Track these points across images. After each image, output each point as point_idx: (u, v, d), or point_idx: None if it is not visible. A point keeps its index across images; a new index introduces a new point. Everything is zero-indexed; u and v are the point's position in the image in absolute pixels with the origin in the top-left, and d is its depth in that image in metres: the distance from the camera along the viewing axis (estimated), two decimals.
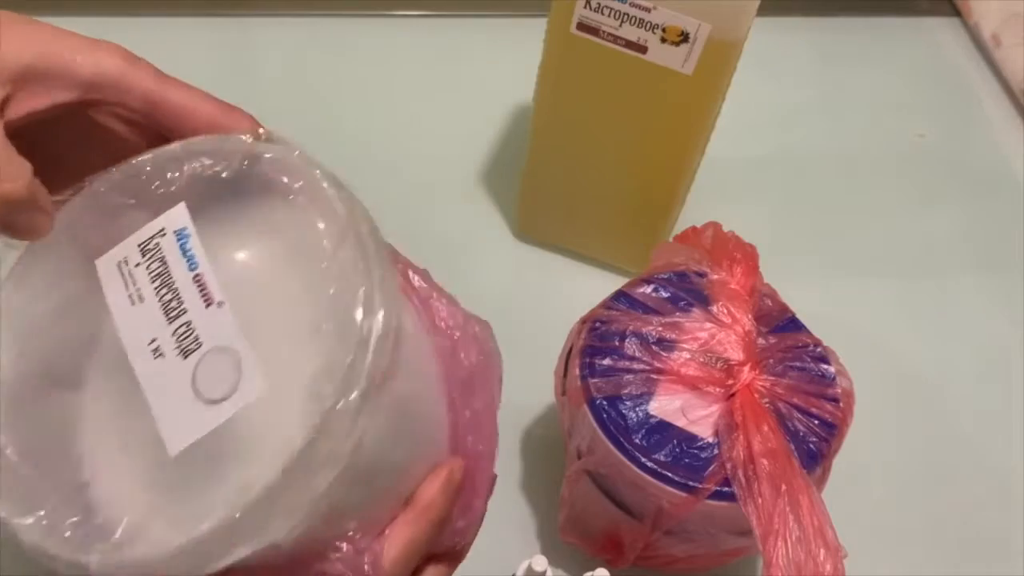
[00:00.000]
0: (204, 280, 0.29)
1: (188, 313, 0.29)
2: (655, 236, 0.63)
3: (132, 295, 0.30)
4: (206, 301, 0.29)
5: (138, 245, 0.30)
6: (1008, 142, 0.80)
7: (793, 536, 0.41)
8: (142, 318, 0.29)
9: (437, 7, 0.83)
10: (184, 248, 0.30)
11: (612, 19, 0.51)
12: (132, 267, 0.30)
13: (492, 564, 0.49)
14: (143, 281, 0.30)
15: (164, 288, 0.29)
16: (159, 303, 0.29)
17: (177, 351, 0.29)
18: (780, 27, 0.74)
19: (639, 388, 0.46)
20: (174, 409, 0.28)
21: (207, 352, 0.28)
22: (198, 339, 0.29)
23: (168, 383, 0.28)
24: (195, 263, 0.30)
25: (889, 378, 0.63)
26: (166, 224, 0.30)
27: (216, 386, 0.28)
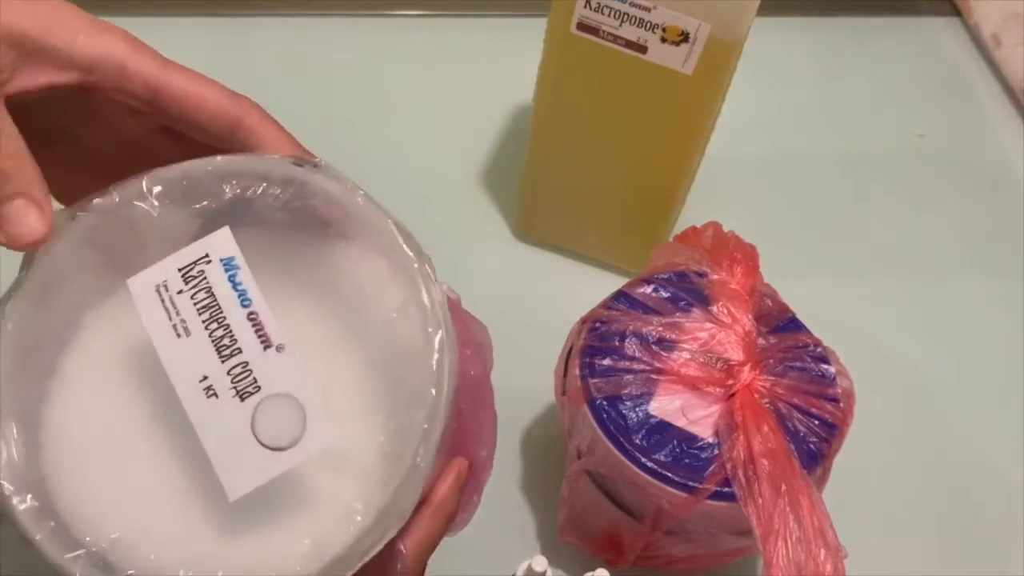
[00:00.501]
0: (260, 320, 0.28)
1: (243, 353, 0.28)
2: (655, 236, 0.63)
3: (176, 326, 0.28)
4: (264, 343, 0.28)
5: (179, 270, 0.29)
6: (1008, 142, 0.80)
7: (793, 536, 0.41)
8: (190, 353, 0.28)
9: (437, 7, 0.83)
10: (234, 281, 0.28)
11: (612, 19, 0.51)
12: (174, 294, 0.28)
13: (492, 564, 0.49)
14: (188, 312, 0.28)
15: (214, 323, 0.28)
16: (209, 339, 0.28)
17: (233, 392, 0.27)
18: (780, 27, 0.74)
19: (639, 388, 0.46)
20: (232, 453, 0.27)
21: (267, 397, 0.27)
22: (256, 382, 0.27)
23: (224, 426, 0.27)
24: (248, 300, 0.28)
25: (889, 378, 0.63)
26: (210, 250, 0.29)
27: (279, 433, 0.27)
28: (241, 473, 0.27)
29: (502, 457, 0.56)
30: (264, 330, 0.28)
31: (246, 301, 0.28)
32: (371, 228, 0.30)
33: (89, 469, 0.29)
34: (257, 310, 0.28)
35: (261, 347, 0.28)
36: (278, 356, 0.28)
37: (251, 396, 0.27)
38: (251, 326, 0.28)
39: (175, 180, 0.31)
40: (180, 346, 0.28)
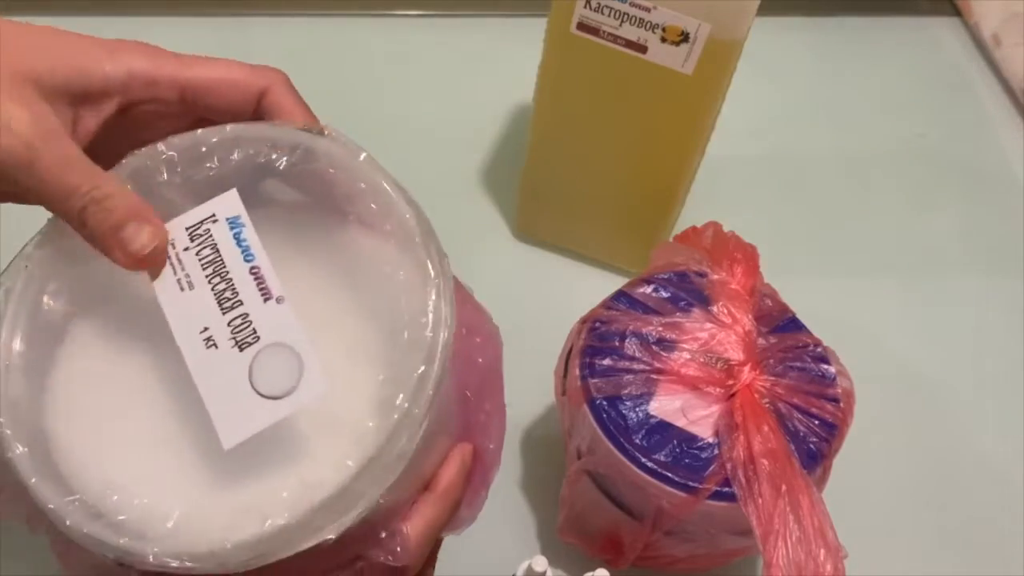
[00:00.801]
0: (262, 274, 0.29)
1: (244, 305, 0.28)
2: (655, 236, 0.63)
3: (181, 280, 0.29)
4: (264, 295, 0.28)
5: (186, 228, 0.30)
6: (1008, 142, 0.80)
7: (793, 536, 0.41)
8: (192, 305, 0.28)
9: (437, 7, 0.83)
10: (238, 237, 0.29)
11: (612, 19, 0.51)
12: (180, 251, 0.29)
13: (492, 564, 0.49)
14: (193, 267, 0.29)
15: (217, 277, 0.29)
16: (212, 292, 0.28)
17: (232, 343, 0.28)
18: (780, 27, 0.74)
19: (639, 388, 0.46)
20: (229, 402, 0.28)
21: (265, 347, 0.28)
22: (255, 332, 0.28)
23: (222, 375, 0.28)
24: (251, 255, 0.29)
25: (889, 378, 0.63)
26: (217, 210, 0.30)
27: (275, 382, 0.28)
28: (237, 421, 0.27)
29: (502, 457, 0.57)
30: (265, 283, 0.29)
31: (249, 256, 0.29)
32: (372, 189, 0.31)
33: (87, 418, 0.30)
34: (259, 264, 0.29)
35: (261, 299, 0.28)
36: (277, 307, 0.28)
37: (250, 346, 0.28)
38: (252, 279, 0.29)
39: (188, 147, 0.31)
40: (183, 299, 0.28)
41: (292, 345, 0.28)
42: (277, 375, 0.28)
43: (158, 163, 0.31)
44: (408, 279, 0.30)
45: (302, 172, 0.32)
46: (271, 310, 0.28)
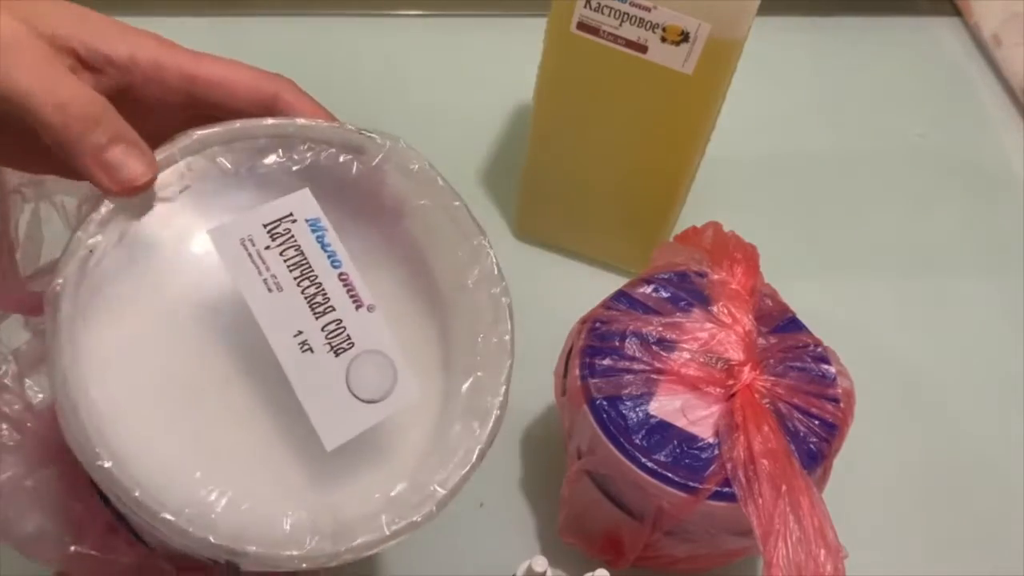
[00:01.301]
0: (351, 281, 0.29)
1: (337, 312, 0.28)
2: (655, 236, 0.62)
3: (267, 280, 0.28)
4: (355, 303, 0.29)
5: (263, 226, 0.29)
6: (1008, 142, 0.80)
7: (793, 536, 0.41)
8: (283, 307, 0.28)
9: (437, 7, 0.83)
10: (322, 241, 0.29)
11: (612, 19, 0.51)
12: (261, 249, 0.29)
13: (492, 564, 0.49)
14: (278, 268, 0.28)
15: (306, 281, 0.29)
16: (302, 295, 0.28)
17: (328, 348, 0.28)
18: (780, 27, 0.74)
19: (639, 388, 0.46)
20: (327, 405, 0.28)
21: (360, 353, 0.28)
22: (350, 339, 0.28)
23: (319, 379, 0.28)
24: (337, 261, 0.29)
25: (889, 378, 0.63)
26: (294, 210, 0.29)
27: (372, 387, 0.28)
28: (337, 424, 0.28)
29: (502, 457, 0.57)
30: (355, 291, 0.29)
31: (336, 262, 0.29)
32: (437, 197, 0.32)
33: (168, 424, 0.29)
34: (347, 271, 0.29)
35: (353, 306, 0.29)
36: (369, 315, 0.29)
37: (345, 352, 0.28)
38: (343, 286, 0.29)
39: (246, 135, 0.31)
40: (273, 300, 0.28)
41: (386, 352, 0.29)
42: (374, 380, 0.28)
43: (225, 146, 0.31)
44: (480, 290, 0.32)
45: (366, 173, 0.32)
46: (364, 318, 0.29)
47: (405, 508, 0.29)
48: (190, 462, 0.29)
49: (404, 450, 0.31)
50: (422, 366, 0.31)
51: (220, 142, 0.31)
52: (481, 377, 0.31)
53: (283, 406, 0.29)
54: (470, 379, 0.31)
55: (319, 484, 0.30)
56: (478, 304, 0.32)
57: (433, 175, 0.32)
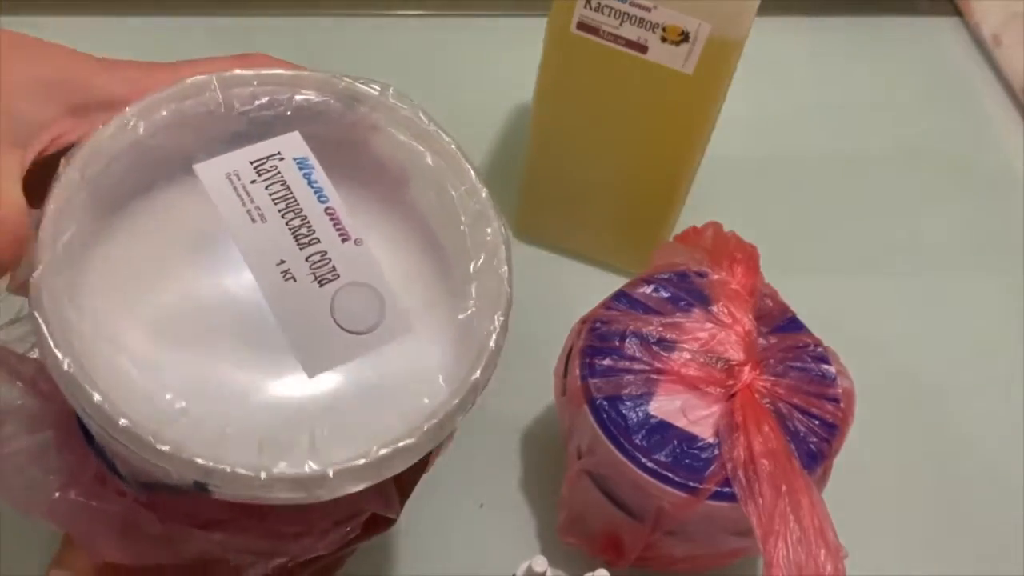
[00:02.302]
0: (337, 215, 0.28)
1: (322, 244, 0.28)
2: (655, 236, 0.62)
3: (251, 211, 0.28)
4: (341, 236, 0.28)
5: (251, 162, 0.29)
6: (1008, 142, 0.80)
7: (794, 537, 0.41)
8: (265, 237, 0.28)
9: (437, 7, 0.83)
10: (309, 178, 0.29)
11: (612, 18, 0.51)
12: (247, 183, 0.28)
13: (492, 564, 0.49)
14: (263, 200, 0.28)
15: (291, 213, 0.28)
16: (287, 227, 0.28)
17: (312, 278, 0.27)
18: (780, 27, 0.74)
19: (639, 388, 0.46)
20: (310, 334, 0.27)
21: (346, 284, 0.28)
22: (335, 270, 0.28)
23: (302, 307, 0.27)
24: (324, 196, 0.29)
25: (889, 378, 0.63)
26: (282, 149, 0.29)
27: (358, 318, 0.27)
28: (319, 352, 0.27)
29: (502, 457, 0.57)
30: (341, 224, 0.28)
31: (323, 197, 0.29)
32: (428, 142, 0.32)
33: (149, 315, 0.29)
34: (334, 206, 0.28)
35: (339, 239, 0.28)
36: (356, 248, 0.28)
37: (330, 283, 0.27)
38: (329, 220, 0.28)
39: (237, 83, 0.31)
40: (255, 230, 0.28)
41: (374, 285, 0.28)
42: (360, 312, 0.27)
43: (211, 92, 0.31)
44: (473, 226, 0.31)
45: (354, 119, 0.32)
46: (350, 251, 0.28)
47: (391, 436, 0.27)
48: (163, 382, 0.27)
49: (392, 383, 0.29)
50: (414, 301, 0.30)
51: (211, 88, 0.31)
52: (476, 312, 0.30)
53: (268, 339, 0.28)
54: (467, 312, 0.30)
55: (301, 411, 0.28)
56: (475, 242, 0.31)
57: (425, 122, 0.33)
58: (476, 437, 0.43)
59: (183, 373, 0.28)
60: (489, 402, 0.44)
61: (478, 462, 0.55)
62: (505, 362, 0.49)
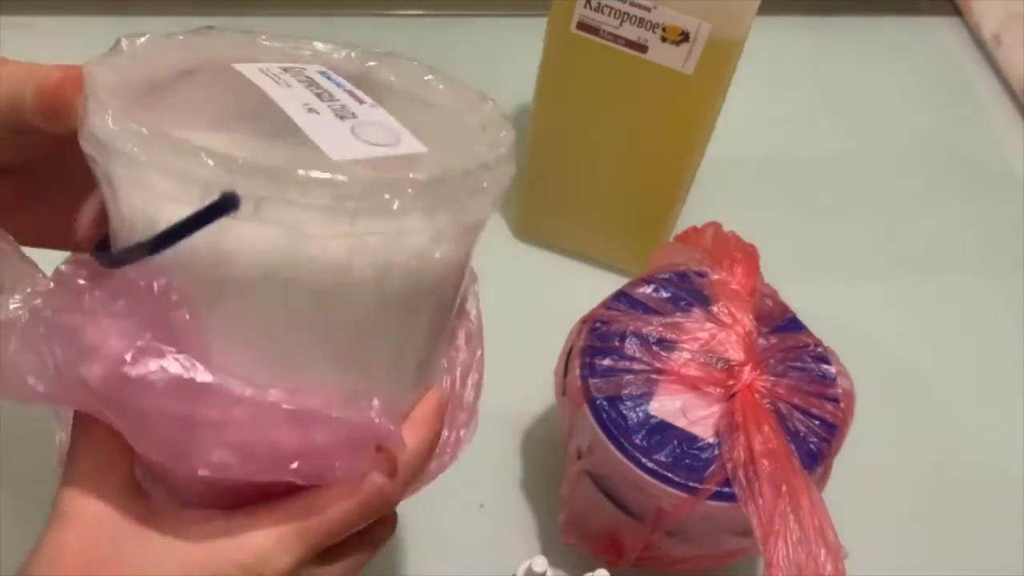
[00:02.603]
0: (355, 92, 0.32)
1: (341, 101, 0.31)
2: (655, 236, 0.62)
3: (279, 82, 0.31)
4: (359, 101, 0.32)
5: (279, 66, 0.33)
6: (1008, 142, 0.80)
7: (794, 537, 0.41)
8: (293, 93, 0.31)
9: (437, 7, 0.83)
10: (329, 77, 0.33)
11: (612, 18, 0.51)
12: (276, 72, 0.32)
13: (492, 564, 0.49)
14: (290, 80, 0.32)
15: (313, 87, 0.32)
16: (309, 91, 0.31)
17: (333, 115, 0.30)
18: (780, 27, 0.74)
19: (639, 388, 0.46)
20: (334, 138, 0.29)
21: (364, 122, 0.31)
22: (354, 114, 0.31)
23: (327, 126, 0.30)
24: (343, 84, 0.33)
25: (889, 378, 0.63)
26: (306, 67, 0.33)
27: (377, 137, 0.30)
28: (342, 148, 0.29)
29: (502, 457, 0.57)
30: (358, 95, 0.32)
31: (342, 85, 0.33)
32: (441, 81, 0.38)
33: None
34: (352, 88, 0.33)
35: (357, 101, 0.32)
36: (372, 106, 0.32)
37: (349, 119, 0.31)
38: (347, 94, 0.32)
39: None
40: (284, 90, 0.31)
41: (389, 125, 0.31)
42: (378, 134, 0.30)
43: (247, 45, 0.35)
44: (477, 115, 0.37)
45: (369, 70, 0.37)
46: (367, 107, 0.32)
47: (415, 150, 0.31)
48: None
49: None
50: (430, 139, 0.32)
51: None
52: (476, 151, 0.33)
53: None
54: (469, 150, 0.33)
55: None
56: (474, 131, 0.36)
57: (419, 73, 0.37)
58: (476, 437, 0.43)
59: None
60: (489, 402, 0.44)
61: (478, 462, 0.55)
62: (506, 362, 0.49)
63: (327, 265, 0.29)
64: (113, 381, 0.28)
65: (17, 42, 0.75)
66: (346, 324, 0.30)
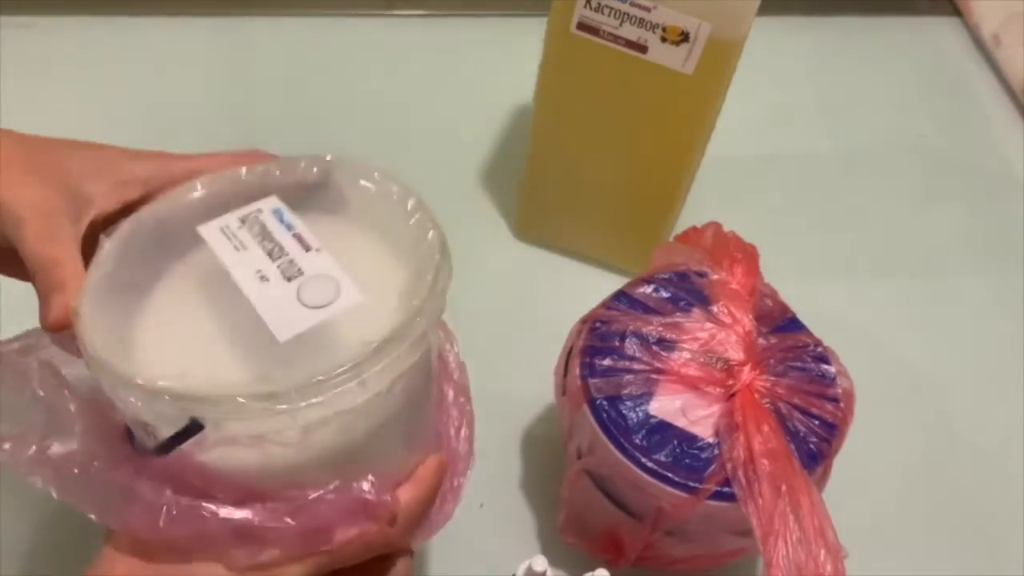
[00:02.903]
0: (302, 236, 0.37)
1: (290, 255, 0.36)
2: (655, 236, 0.63)
3: (236, 246, 0.36)
4: (306, 248, 0.36)
5: (238, 218, 0.37)
6: (1008, 142, 0.80)
7: (793, 536, 0.41)
8: (246, 258, 0.36)
9: (437, 7, 0.83)
10: (281, 218, 0.37)
11: (612, 19, 0.51)
12: (234, 230, 0.37)
13: (492, 564, 0.49)
14: (245, 238, 0.37)
15: (266, 241, 0.37)
16: (262, 250, 0.36)
17: (281, 277, 0.36)
18: (780, 27, 0.74)
19: (639, 388, 0.46)
20: (280, 311, 0.34)
21: (309, 278, 0.35)
22: (300, 270, 0.36)
23: (274, 296, 0.35)
24: (292, 226, 0.37)
25: (889, 378, 0.63)
26: (262, 206, 0.38)
27: (319, 297, 0.35)
28: (288, 322, 0.34)
29: (502, 457, 0.57)
30: (305, 240, 0.37)
31: (291, 227, 0.37)
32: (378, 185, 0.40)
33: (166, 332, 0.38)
34: (300, 231, 0.37)
35: (303, 250, 0.36)
36: (317, 254, 0.36)
37: (296, 278, 0.35)
38: (295, 240, 0.37)
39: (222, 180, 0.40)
40: (238, 255, 0.36)
41: (331, 275, 0.36)
42: (320, 293, 0.35)
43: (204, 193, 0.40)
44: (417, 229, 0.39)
45: (321, 185, 0.41)
46: (312, 256, 0.36)
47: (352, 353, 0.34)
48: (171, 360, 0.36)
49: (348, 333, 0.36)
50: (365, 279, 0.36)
51: None
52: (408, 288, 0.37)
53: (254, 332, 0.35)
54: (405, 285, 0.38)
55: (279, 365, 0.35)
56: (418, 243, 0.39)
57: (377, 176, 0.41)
58: (476, 437, 0.44)
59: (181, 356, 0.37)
60: (489, 402, 0.44)
61: (478, 462, 0.55)
62: (506, 362, 0.49)
63: (288, 446, 0.34)
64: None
65: (17, 42, 0.75)
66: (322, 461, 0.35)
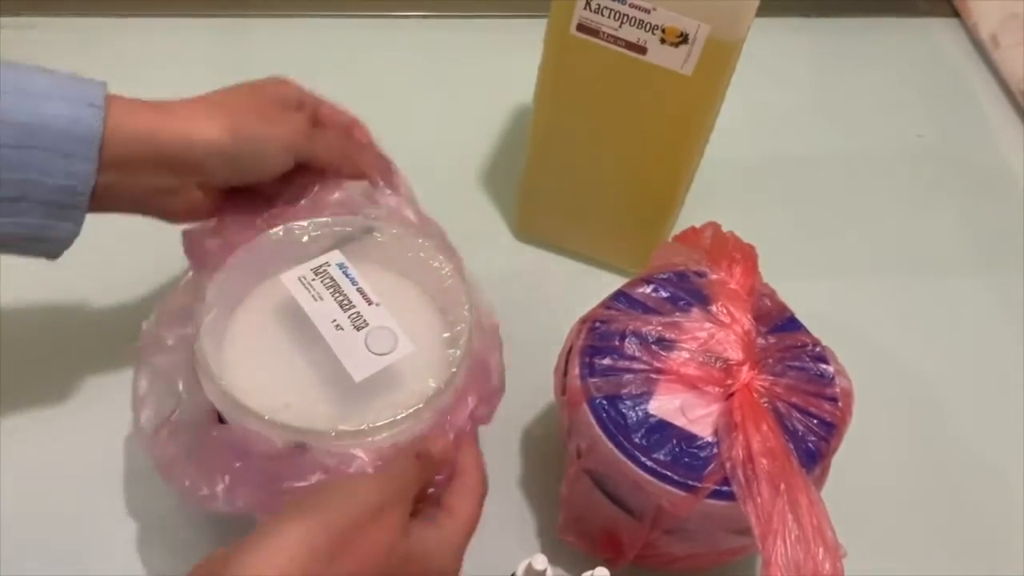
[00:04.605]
0: (364, 291, 0.48)
1: (357, 307, 0.47)
2: (655, 236, 0.63)
3: (314, 296, 0.47)
4: (368, 302, 0.47)
5: (312, 269, 0.48)
6: (1007, 142, 0.81)
7: (792, 535, 0.41)
8: (324, 309, 0.47)
9: (437, 7, 0.83)
10: (346, 272, 0.48)
11: (612, 20, 0.51)
12: (310, 281, 0.48)
13: (492, 563, 0.49)
14: (320, 289, 0.48)
15: (338, 294, 0.47)
16: (335, 302, 0.47)
17: (353, 327, 0.46)
18: (780, 27, 0.74)
19: (639, 388, 0.46)
20: (355, 357, 0.45)
21: (373, 328, 0.46)
22: (366, 322, 0.46)
23: (348, 344, 0.46)
24: (355, 281, 0.48)
25: (889, 378, 0.63)
26: (330, 259, 0.49)
27: (382, 345, 0.46)
28: (362, 367, 0.45)
29: (502, 457, 0.57)
30: (367, 295, 0.47)
31: (355, 283, 0.48)
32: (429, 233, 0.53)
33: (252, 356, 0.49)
34: (362, 287, 0.48)
35: (367, 304, 0.47)
36: (377, 308, 0.47)
37: (363, 328, 0.46)
38: (359, 295, 0.48)
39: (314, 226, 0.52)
40: (317, 305, 0.47)
41: (389, 327, 0.46)
42: (383, 342, 0.46)
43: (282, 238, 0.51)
44: (454, 287, 0.50)
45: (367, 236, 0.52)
46: (373, 309, 0.47)
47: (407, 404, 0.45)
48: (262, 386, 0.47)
49: (414, 383, 0.47)
50: (421, 335, 0.48)
51: None
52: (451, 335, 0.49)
53: (331, 368, 0.46)
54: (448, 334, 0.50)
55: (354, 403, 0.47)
56: (451, 294, 0.50)
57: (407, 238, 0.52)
58: None
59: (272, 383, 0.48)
60: None
61: None
62: (506, 362, 0.49)
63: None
64: None
65: (17, 42, 0.75)
66: None
